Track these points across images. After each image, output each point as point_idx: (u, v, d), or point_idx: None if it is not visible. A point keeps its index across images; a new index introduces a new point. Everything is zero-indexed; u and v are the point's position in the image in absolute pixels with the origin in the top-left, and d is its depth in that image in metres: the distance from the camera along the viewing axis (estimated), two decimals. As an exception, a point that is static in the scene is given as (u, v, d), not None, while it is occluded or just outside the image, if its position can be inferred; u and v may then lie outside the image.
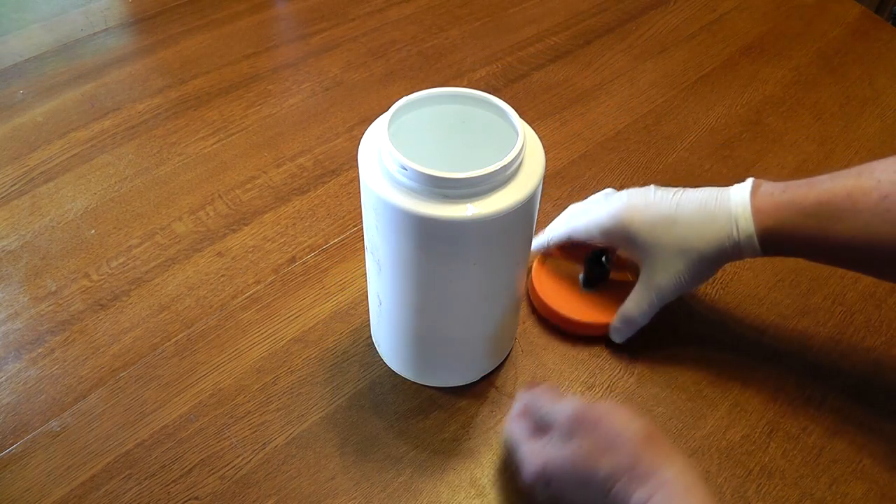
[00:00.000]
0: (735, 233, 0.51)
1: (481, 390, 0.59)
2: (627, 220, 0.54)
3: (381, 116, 0.46)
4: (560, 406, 0.47)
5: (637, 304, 0.57)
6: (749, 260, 0.69)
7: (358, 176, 0.46)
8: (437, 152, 0.48)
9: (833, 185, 0.49)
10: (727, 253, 0.52)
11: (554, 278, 0.64)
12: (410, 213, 0.42)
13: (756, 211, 0.51)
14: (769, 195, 0.51)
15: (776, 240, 0.51)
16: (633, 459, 0.42)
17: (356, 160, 0.44)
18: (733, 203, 0.52)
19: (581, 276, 0.63)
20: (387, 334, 0.57)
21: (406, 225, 0.44)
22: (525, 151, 0.44)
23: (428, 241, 0.44)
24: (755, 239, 0.51)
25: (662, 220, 0.53)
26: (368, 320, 0.62)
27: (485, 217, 0.42)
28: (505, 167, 0.42)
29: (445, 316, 0.52)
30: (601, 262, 0.61)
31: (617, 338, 0.60)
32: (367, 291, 0.64)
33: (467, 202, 0.42)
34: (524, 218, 0.46)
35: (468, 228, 0.43)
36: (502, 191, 0.43)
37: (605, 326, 0.61)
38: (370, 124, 0.48)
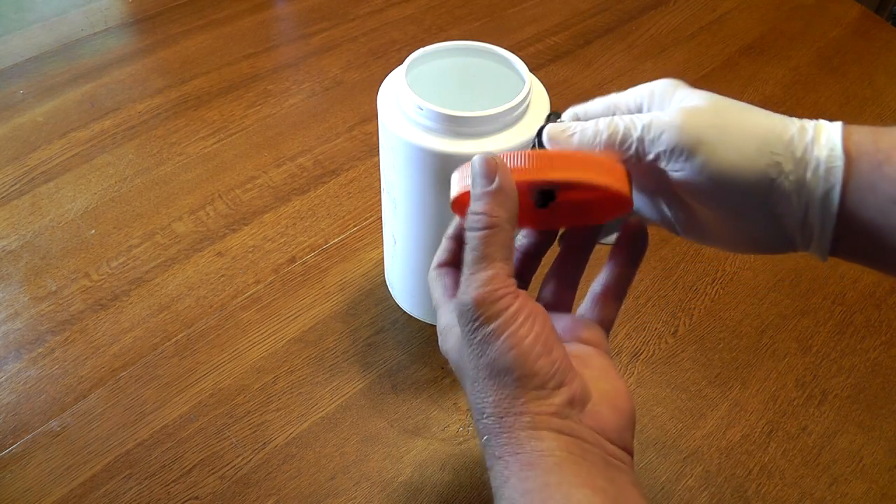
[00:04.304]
0: (808, 156, 0.30)
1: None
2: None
3: (398, 67, 0.49)
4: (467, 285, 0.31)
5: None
6: (749, 260, 0.69)
7: (356, 174, 0.46)
8: (451, 100, 0.51)
9: None
10: (780, 193, 0.30)
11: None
12: (425, 150, 0.46)
13: (851, 148, 0.30)
14: (869, 132, 0.30)
15: (864, 200, 0.29)
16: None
17: (356, 159, 0.44)
18: (816, 126, 0.31)
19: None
20: (400, 273, 0.59)
21: (421, 161, 0.47)
22: (531, 97, 0.48)
23: (441, 176, 0.47)
24: (836, 188, 0.29)
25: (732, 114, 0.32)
26: (368, 320, 0.63)
27: (493, 154, 0.45)
28: (513, 108, 0.45)
29: None
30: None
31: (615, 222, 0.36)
32: (367, 290, 0.65)
33: (478, 140, 0.45)
34: None
35: None
36: (510, 131, 0.46)
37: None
38: (370, 124, 0.48)
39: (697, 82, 0.90)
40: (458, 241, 0.38)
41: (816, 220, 0.30)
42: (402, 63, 0.48)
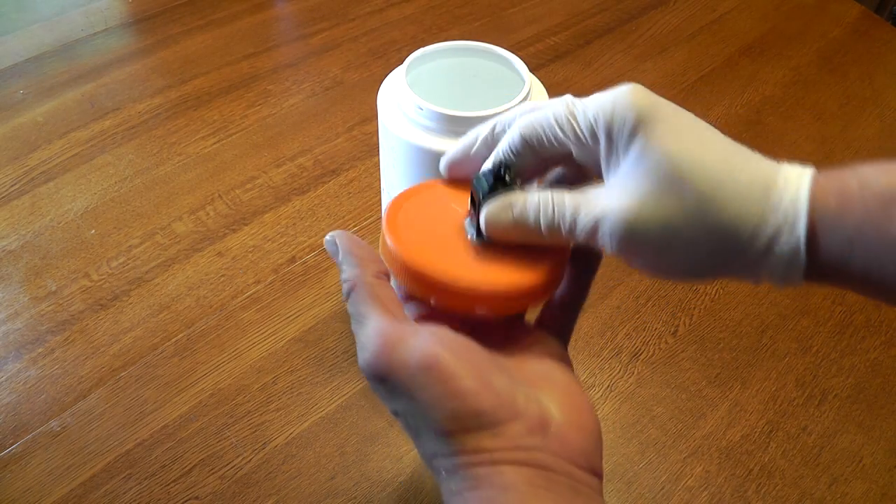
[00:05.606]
0: (778, 194, 0.29)
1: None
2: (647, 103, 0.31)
3: (398, 67, 0.49)
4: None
5: None
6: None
7: (356, 174, 0.46)
8: (451, 100, 0.51)
9: None
10: (751, 236, 0.28)
11: (424, 223, 0.36)
12: (425, 150, 0.46)
13: (816, 184, 0.29)
14: (833, 174, 0.29)
15: (833, 230, 0.27)
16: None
17: (356, 159, 0.44)
18: (782, 165, 0.31)
19: (467, 220, 0.35)
20: None
21: (421, 161, 0.47)
22: (531, 97, 0.47)
23: (440, 176, 0.47)
24: (802, 218, 0.28)
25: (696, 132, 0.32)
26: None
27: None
28: (513, 108, 0.44)
29: None
30: (503, 179, 0.33)
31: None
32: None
33: None
34: None
35: None
36: None
37: (520, 296, 0.33)
38: (370, 124, 0.48)
39: (697, 82, 0.90)
40: None
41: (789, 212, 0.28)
42: (402, 63, 0.48)
